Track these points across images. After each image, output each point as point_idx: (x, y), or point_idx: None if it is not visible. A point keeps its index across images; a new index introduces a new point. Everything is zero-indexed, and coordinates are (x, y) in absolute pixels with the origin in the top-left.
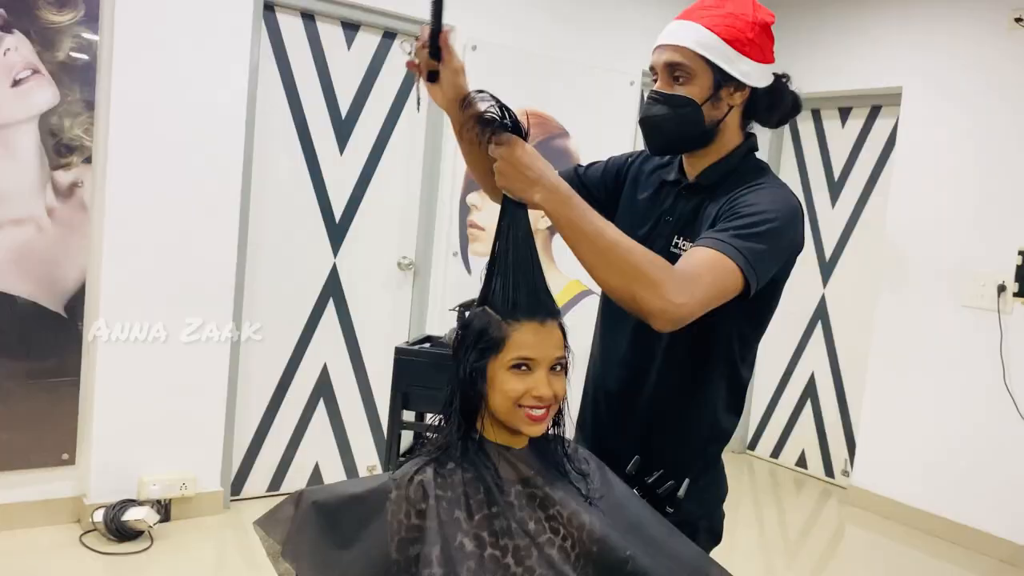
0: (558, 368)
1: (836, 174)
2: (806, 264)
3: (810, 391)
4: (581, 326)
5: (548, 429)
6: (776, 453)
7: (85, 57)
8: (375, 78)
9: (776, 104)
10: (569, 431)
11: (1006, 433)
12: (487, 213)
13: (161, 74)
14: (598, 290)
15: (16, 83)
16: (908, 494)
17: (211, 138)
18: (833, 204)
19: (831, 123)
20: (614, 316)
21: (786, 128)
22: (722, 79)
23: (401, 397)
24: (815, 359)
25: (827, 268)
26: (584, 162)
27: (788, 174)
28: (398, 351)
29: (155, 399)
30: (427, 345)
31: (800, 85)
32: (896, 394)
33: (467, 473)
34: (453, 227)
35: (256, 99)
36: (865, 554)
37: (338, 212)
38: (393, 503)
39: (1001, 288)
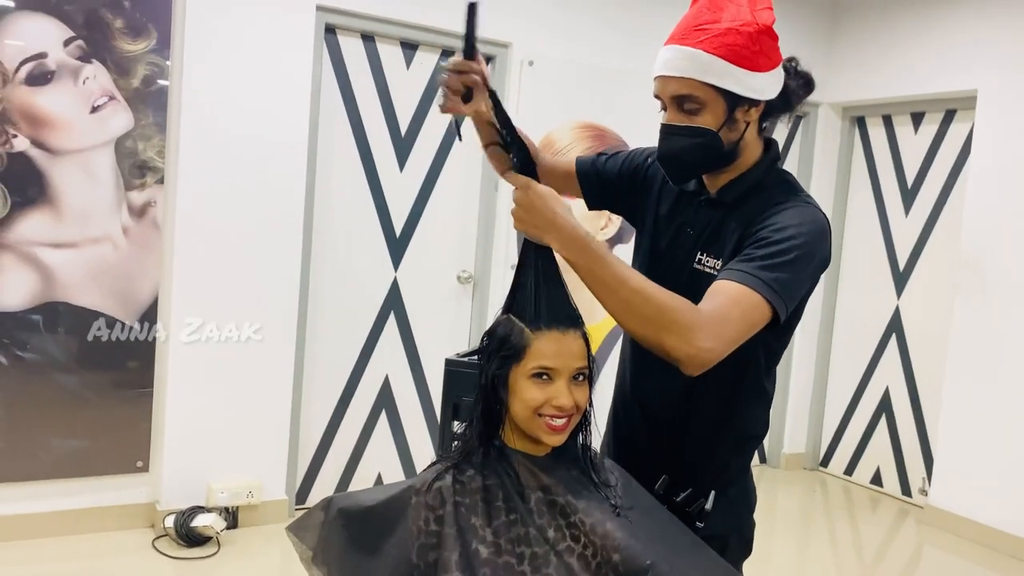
0: (580, 378)
1: (909, 181)
2: (878, 275)
3: (885, 406)
4: None
5: (575, 438)
6: (850, 470)
7: (158, 83)
8: (433, 96)
9: (790, 102)
10: (596, 439)
11: None
12: None
13: (228, 97)
14: None
15: (95, 109)
16: (989, 514)
17: (276, 157)
18: (907, 213)
19: (903, 129)
20: None
21: (856, 135)
22: (735, 102)
23: (452, 408)
24: (889, 373)
25: (901, 279)
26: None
27: (859, 182)
28: (448, 363)
29: (223, 410)
30: (477, 357)
31: (870, 90)
32: (975, 409)
33: (487, 480)
34: (511, 240)
35: (319, 118)
36: None
37: (398, 227)
38: (413, 509)
39: None
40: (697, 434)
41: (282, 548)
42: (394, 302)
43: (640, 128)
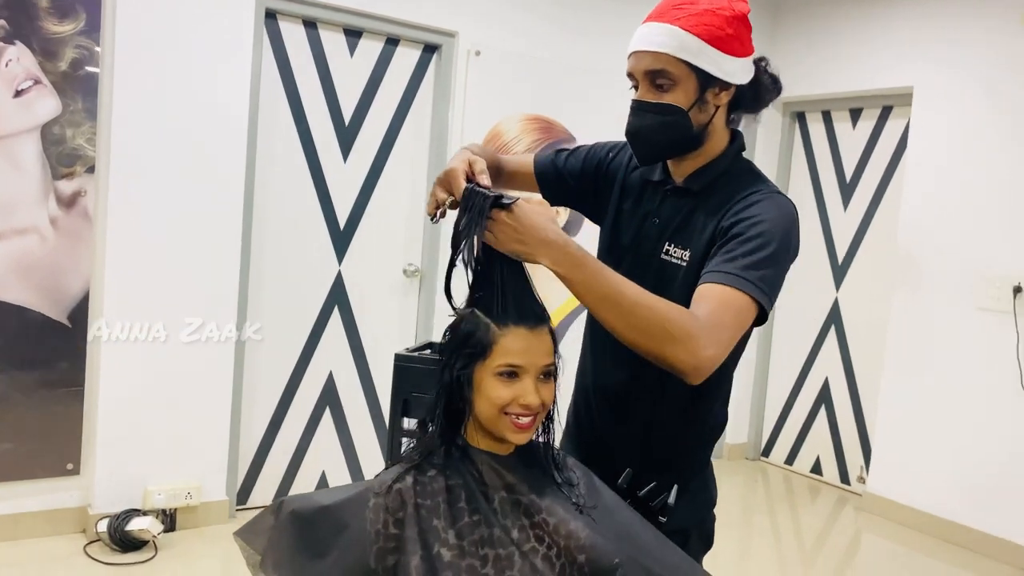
0: (546, 376)
1: (848, 176)
2: (818, 268)
3: (824, 396)
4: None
5: (536, 436)
6: (790, 460)
7: (87, 67)
8: (378, 85)
9: (760, 94)
10: (557, 436)
11: (1023, 437)
12: None
13: (163, 83)
14: None
15: (18, 94)
16: (926, 501)
17: (213, 146)
18: (845, 207)
19: (842, 124)
20: None
21: (797, 130)
22: (707, 82)
23: (401, 404)
24: (829, 364)
25: (840, 272)
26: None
27: (799, 176)
28: (398, 357)
29: (160, 409)
30: (428, 351)
31: (810, 86)
32: (911, 399)
33: (450, 480)
34: None
35: (259, 106)
36: (882, 563)
37: (342, 219)
38: (372, 511)
39: (1017, 289)
40: (664, 427)
41: (223, 551)
42: (338, 296)
43: (587, 121)
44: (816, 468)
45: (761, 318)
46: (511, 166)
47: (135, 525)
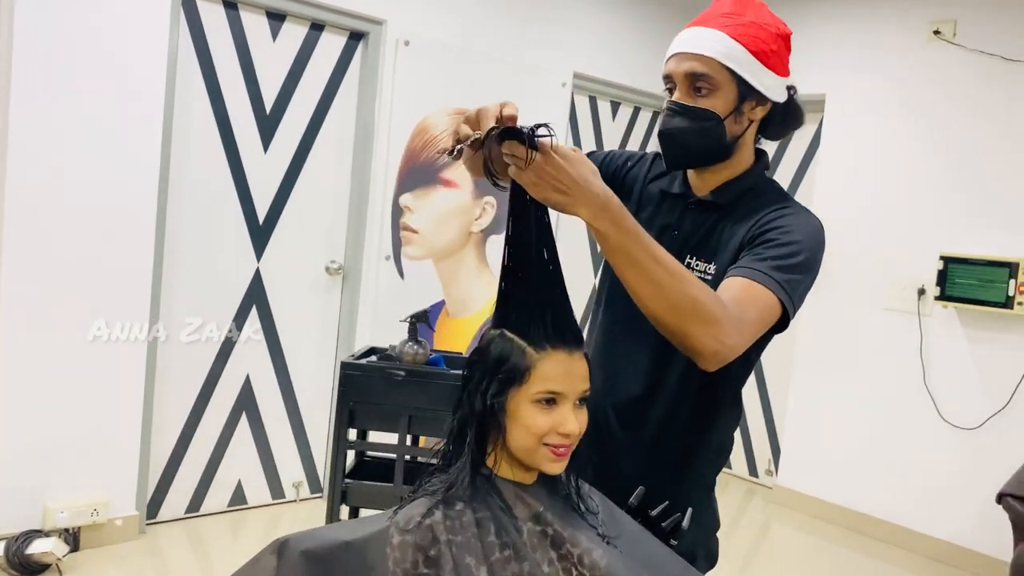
0: (581, 402)
1: None
2: None
3: None
4: None
5: None
6: None
7: None
8: (301, 72)
9: (789, 119)
10: None
11: (926, 432)
12: (421, 215)
13: (69, 65)
14: None
15: None
16: (832, 492)
17: (125, 135)
18: None
19: None
20: (636, 328)
21: None
22: (746, 93)
23: (347, 413)
24: None
25: None
26: None
27: None
28: (344, 365)
29: (62, 420)
30: (374, 358)
31: None
32: (819, 395)
33: (477, 513)
34: (385, 230)
35: (175, 92)
36: (791, 552)
37: (262, 213)
38: (397, 550)
39: (921, 291)
40: (679, 444)
41: (133, 569)
42: (256, 295)
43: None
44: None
45: (783, 323)
46: None
47: (36, 548)
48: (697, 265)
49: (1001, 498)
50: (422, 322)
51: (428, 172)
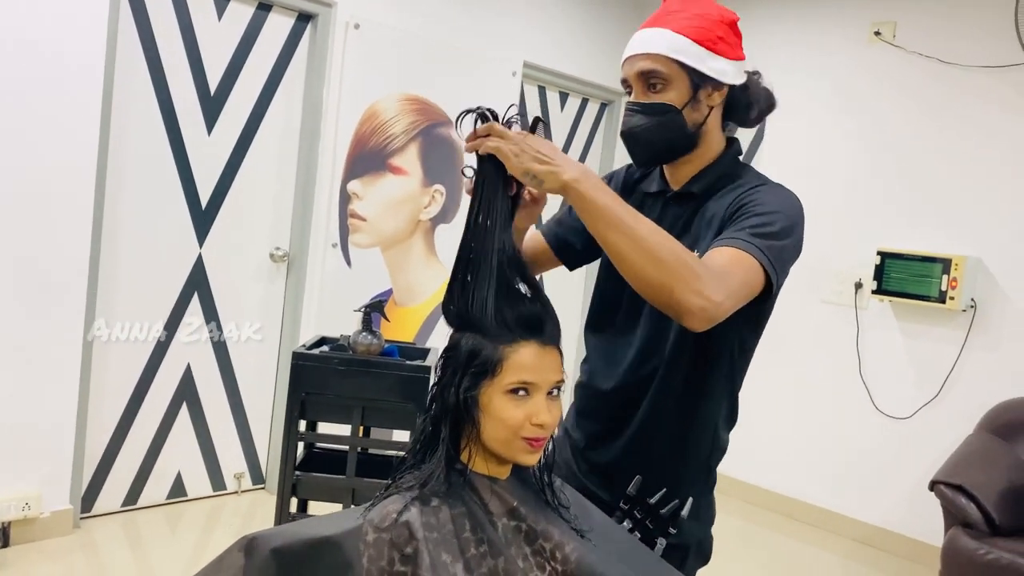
0: (555, 392)
1: None
2: None
3: None
4: None
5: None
6: None
7: None
8: (247, 53)
9: (753, 101)
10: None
11: (862, 421)
12: (369, 202)
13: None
14: None
15: None
16: (766, 479)
17: (61, 114)
18: None
19: None
20: (625, 319)
21: None
22: (699, 81)
23: (299, 405)
24: None
25: None
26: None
27: None
28: (296, 356)
29: None
30: (325, 348)
31: None
32: (756, 384)
33: (453, 509)
34: (332, 216)
35: (115, 72)
36: (724, 538)
37: (205, 198)
38: (372, 547)
39: (858, 285)
40: (672, 435)
41: (67, 565)
42: (198, 282)
43: (463, 104)
44: None
45: (768, 292)
46: (527, 253)
47: None
48: None
49: (933, 485)
50: (377, 312)
51: (377, 159)
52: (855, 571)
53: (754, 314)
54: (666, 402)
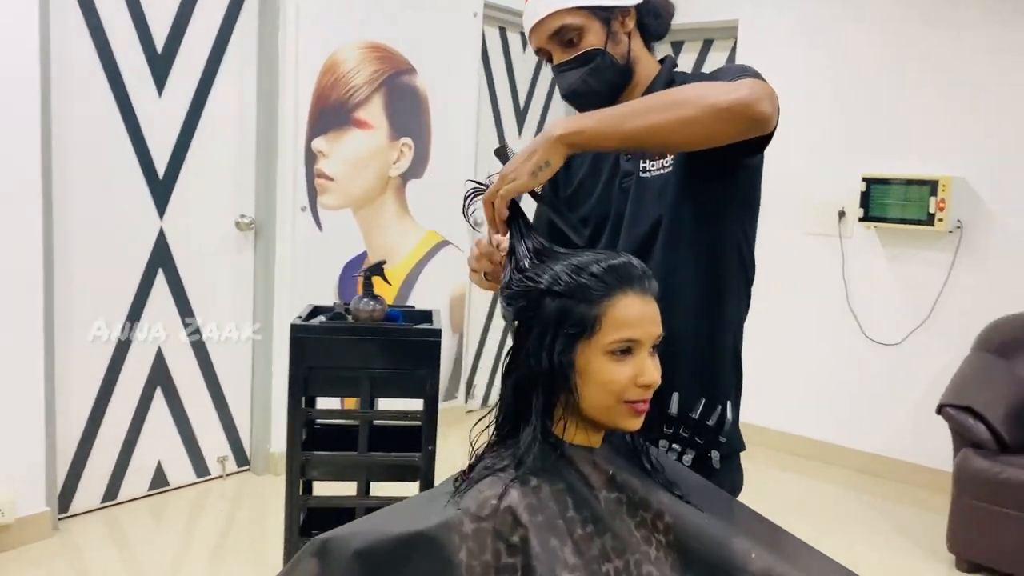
0: (655, 348)
1: None
2: None
3: None
4: (440, 279)
5: None
6: None
7: None
8: (194, 4)
9: (659, 12)
10: None
11: (851, 350)
12: (335, 160)
13: None
14: (457, 241)
15: None
16: (763, 416)
17: None
18: None
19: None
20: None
21: None
22: (607, 14)
23: (303, 381)
24: None
25: None
26: (433, 98)
27: None
28: (296, 328)
29: None
30: (322, 318)
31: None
32: (746, 324)
33: (553, 486)
34: (299, 178)
35: (49, 36)
36: None
37: (161, 166)
38: (472, 539)
39: (841, 214)
40: (700, 340)
41: (49, 570)
42: (162, 257)
43: (426, 52)
44: None
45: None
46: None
47: None
48: (650, 166)
49: (941, 409)
50: (378, 274)
51: (340, 113)
52: (858, 500)
53: (748, 199)
54: (688, 312)
